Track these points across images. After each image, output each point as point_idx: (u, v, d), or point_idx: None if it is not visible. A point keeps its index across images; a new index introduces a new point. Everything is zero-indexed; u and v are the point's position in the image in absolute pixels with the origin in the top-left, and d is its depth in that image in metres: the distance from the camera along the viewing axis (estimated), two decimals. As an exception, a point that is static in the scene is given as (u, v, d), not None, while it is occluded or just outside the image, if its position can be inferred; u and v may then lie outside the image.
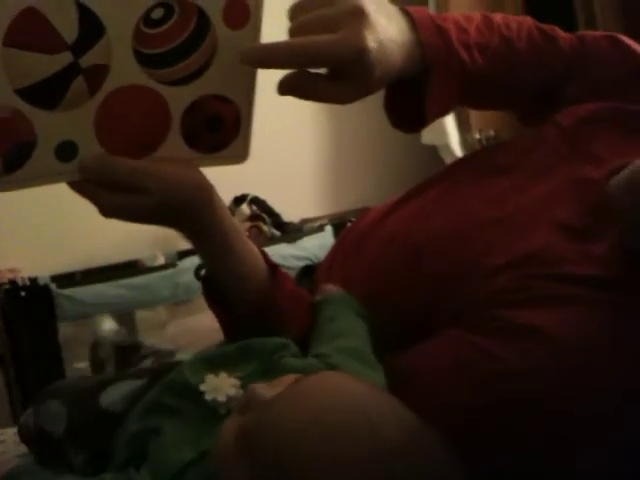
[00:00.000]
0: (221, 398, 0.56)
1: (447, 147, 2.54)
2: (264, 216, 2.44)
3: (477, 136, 2.45)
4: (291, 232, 2.43)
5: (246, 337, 0.68)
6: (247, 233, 2.42)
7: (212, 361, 0.62)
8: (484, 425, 0.58)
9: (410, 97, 0.76)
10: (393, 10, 0.73)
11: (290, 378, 0.53)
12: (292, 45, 0.67)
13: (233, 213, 2.46)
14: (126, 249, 2.40)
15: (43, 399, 0.69)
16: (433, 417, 0.50)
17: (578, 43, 0.83)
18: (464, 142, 2.53)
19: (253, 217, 2.44)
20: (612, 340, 0.58)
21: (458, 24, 0.78)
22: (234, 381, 0.57)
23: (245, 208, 2.46)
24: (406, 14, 0.74)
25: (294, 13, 0.69)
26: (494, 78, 0.79)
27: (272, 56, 0.66)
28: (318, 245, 2.21)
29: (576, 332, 0.58)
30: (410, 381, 0.61)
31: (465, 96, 0.80)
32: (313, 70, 0.69)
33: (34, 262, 2.30)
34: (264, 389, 0.51)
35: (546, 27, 0.83)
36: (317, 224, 2.45)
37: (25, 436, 0.73)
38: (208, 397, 0.56)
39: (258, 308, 0.71)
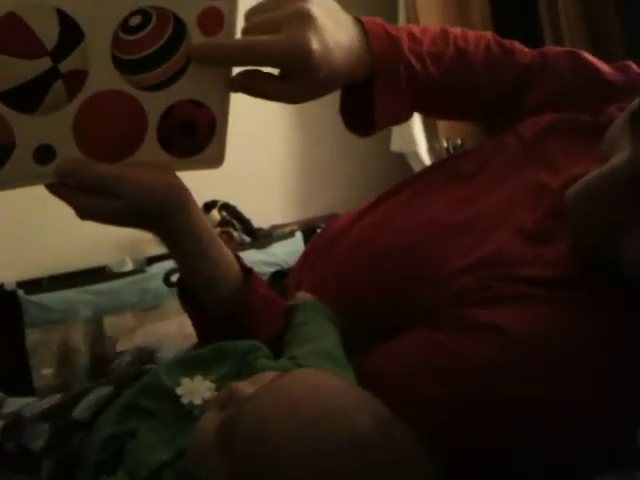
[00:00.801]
0: (197, 401, 0.57)
1: (415, 154, 2.57)
2: (234, 222, 2.44)
3: (445, 144, 2.48)
4: (261, 238, 2.43)
5: (219, 340, 0.69)
6: (217, 239, 2.42)
7: (187, 364, 0.62)
8: (450, 421, 0.59)
9: (362, 102, 0.78)
10: (344, 17, 0.76)
11: (269, 375, 0.54)
12: (237, 43, 0.69)
13: (203, 219, 2.45)
14: (94, 254, 2.37)
15: (21, 420, 0.69)
16: (400, 414, 0.51)
17: (539, 57, 0.86)
18: (432, 150, 2.56)
19: (223, 223, 2.44)
20: (567, 333, 0.60)
21: (411, 34, 0.80)
22: (209, 384, 0.58)
23: (215, 214, 2.45)
24: (358, 22, 0.77)
25: (249, 15, 0.72)
26: (448, 88, 0.82)
27: (219, 53, 0.68)
28: (288, 251, 2.22)
29: (533, 328, 0.60)
30: (377, 380, 0.62)
31: (418, 104, 0.82)
32: (266, 70, 0.71)
33: (0, 268, 2.26)
34: (244, 385, 0.52)
35: (506, 42, 0.86)
36: (287, 230, 2.46)
37: None
38: (184, 400, 0.57)
39: (231, 311, 0.72)
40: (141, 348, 0.78)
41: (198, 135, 0.72)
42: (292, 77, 0.71)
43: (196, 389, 0.57)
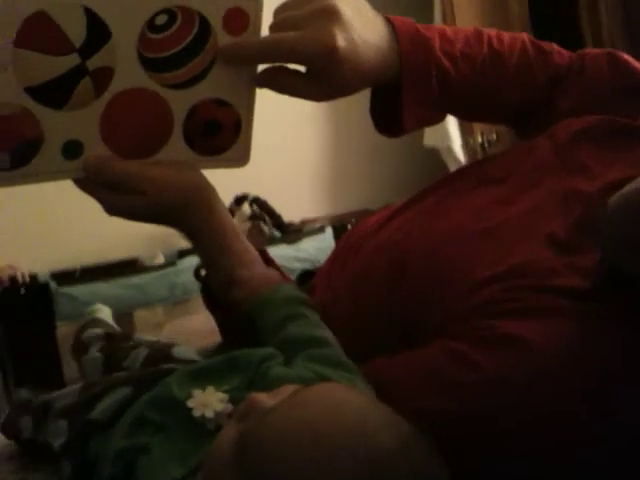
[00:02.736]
0: (209, 414, 0.56)
1: (449, 150, 2.54)
2: (265, 216, 2.44)
3: (479, 139, 2.45)
4: (291, 233, 2.43)
5: (242, 338, 0.68)
6: (247, 233, 2.42)
7: (198, 375, 0.61)
8: (463, 431, 0.58)
9: (391, 103, 0.77)
10: (374, 16, 0.74)
11: (289, 388, 0.52)
12: (261, 41, 0.69)
13: (234, 213, 2.46)
14: (126, 246, 2.40)
15: (45, 413, 0.69)
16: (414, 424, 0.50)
17: (577, 59, 0.83)
18: (466, 145, 2.52)
19: (254, 217, 2.45)
20: (592, 351, 0.58)
21: (443, 34, 0.78)
22: (222, 395, 0.57)
23: (246, 208, 2.46)
24: (389, 22, 0.75)
25: (277, 13, 0.71)
26: (481, 89, 0.79)
27: (245, 52, 0.68)
28: (318, 247, 2.21)
29: (556, 342, 0.58)
30: (389, 389, 0.61)
31: (449, 106, 0.80)
32: (292, 66, 0.71)
33: (34, 258, 2.30)
34: (264, 398, 0.51)
35: (543, 44, 0.83)
36: (317, 225, 2.45)
37: (13, 435, 0.73)
38: (196, 414, 0.56)
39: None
40: (156, 343, 0.77)
41: (223, 134, 0.72)
42: (317, 74, 0.69)
43: (208, 401, 0.56)
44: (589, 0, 2.20)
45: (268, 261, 0.76)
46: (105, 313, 0.94)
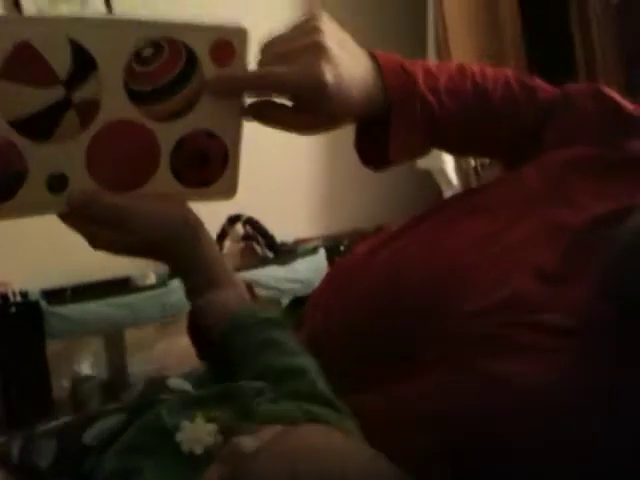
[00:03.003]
0: (198, 450, 0.55)
1: (442, 172, 2.55)
2: (258, 237, 2.44)
3: (472, 162, 2.46)
4: (284, 253, 2.43)
5: (227, 371, 0.67)
6: (240, 253, 2.42)
7: (189, 403, 0.61)
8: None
9: (376, 137, 0.77)
10: (359, 51, 0.74)
11: (273, 430, 0.52)
12: (252, 75, 0.69)
13: (227, 233, 2.46)
14: (118, 265, 2.38)
15: (33, 436, 0.68)
16: (404, 459, 0.50)
17: (560, 94, 0.84)
18: (459, 168, 2.53)
19: (247, 237, 2.44)
20: (583, 393, 0.58)
21: (427, 70, 0.78)
22: (210, 427, 0.56)
23: (239, 228, 2.46)
24: (373, 57, 0.75)
25: (264, 48, 0.71)
26: (466, 124, 0.80)
27: (233, 83, 0.69)
28: (310, 268, 2.21)
29: (548, 383, 0.58)
30: (378, 424, 0.61)
31: (434, 140, 0.81)
32: (279, 100, 0.71)
33: (25, 276, 2.29)
34: (246, 441, 0.50)
35: (527, 78, 0.84)
36: (311, 245, 2.45)
37: (2, 460, 0.73)
38: (184, 448, 0.55)
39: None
40: (151, 379, 0.77)
41: (211, 166, 0.72)
42: (305, 108, 0.70)
43: (197, 435, 0.56)
44: (581, 18, 2.22)
45: (254, 296, 0.76)
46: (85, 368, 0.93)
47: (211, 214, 0.74)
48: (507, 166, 0.90)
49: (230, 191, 0.74)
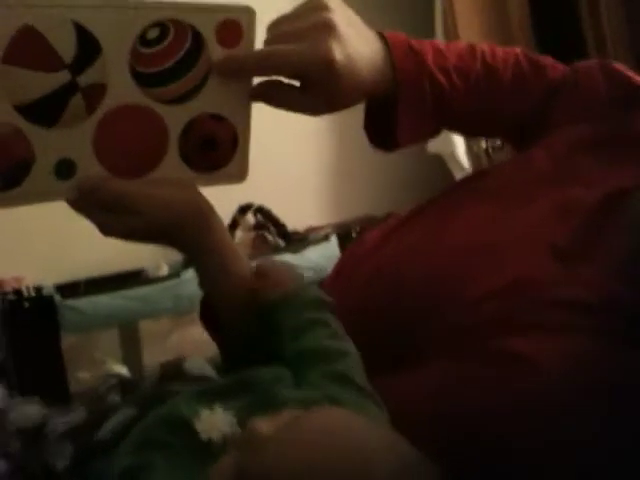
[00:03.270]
0: (216, 438, 0.55)
1: (453, 156, 2.53)
2: (269, 225, 2.44)
3: (483, 145, 2.44)
4: (296, 242, 2.42)
5: (242, 359, 0.67)
6: (252, 242, 2.41)
7: (207, 393, 0.60)
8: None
9: (386, 117, 0.76)
10: (368, 31, 0.74)
11: (289, 415, 0.51)
12: (258, 54, 0.68)
13: (238, 222, 2.45)
14: (131, 258, 2.39)
15: (45, 436, 0.68)
16: (423, 449, 0.49)
17: (570, 71, 0.83)
18: (470, 151, 2.51)
19: (258, 226, 2.44)
20: (600, 370, 0.57)
21: (437, 49, 0.77)
22: (229, 417, 0.56)
23: (250, 217, 2.46)
24: (381, 37, 0.75)
25: (272, 27, 0.71)
26: (476, 103, 0.79)
27: (239, 64, 0.68)
28: (323, 255, 2.20)
29: (562, 361, 0.57)
30: (396, 415, 0.60)
31: (444, 120, 0.80)
32: (287, 81, 0.70)
33: (38, 270, 2.29)
34: (263, 426, 0.50)
35: (537, 57, 0.83)
36: (322, 233, 2.44)
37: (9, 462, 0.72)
38: (203, 437, 0.55)
39: (252, 330, 0.70)
40: (166, 363, 0.76)
41: (220, 150, 0.71)
42: (313, 88, 0.69)
43: (215, 424, 0.55)
44: (590, 2, 2.19)
45: (265, 283, 0.75)
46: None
47: (222, 204, 0.73)
48: (517, 146, 0.89)
49: (241, 174, 0.73)
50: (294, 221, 2.58)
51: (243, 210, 2.46)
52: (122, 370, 0.92)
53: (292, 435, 0.48)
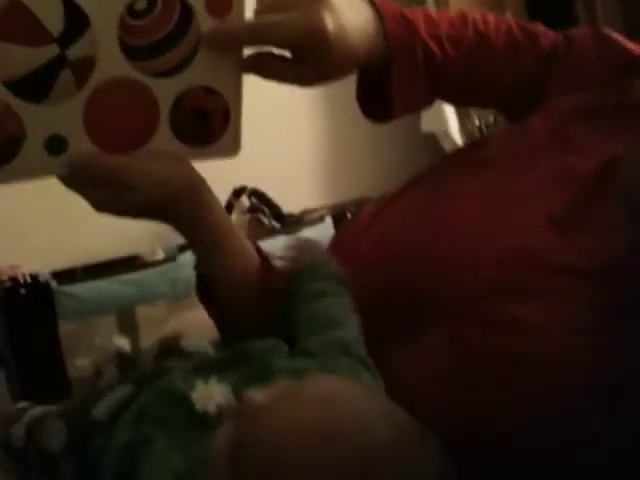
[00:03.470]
0: (211, 408, 0.55)
1: (446, 134, 2.52)
2: (264, 208, 2.43)
3: (477, 123, 2.43)
4: (291, 224, 2.42)
5: (239, 333, 0.67)
6: (247, 225, 2.41)
7: (203, 367, 0.60)
8: (473, 423, 0.57)
9: (379, 88, 0.76)
10: (359, 0, 0.73)
11: (282, 384, 0.51)
12: (249, 25, 0.68)
13: (233, 206, 2.45)
14: (126, 243, 2.39)
15: (39, 419, 0.68)
16: (424, 418, 0.49)
17: (563, 40, 0.82)
18: (463, 129, 2.51)
19: (253, 209, 2.43)
20: (600, 335, 0.57)
21: (428, 17, 0.77)
22: (225, 388, 0.56)
23: (244, 200, 2.45)
24: (373, 6, 0.74)
25: None
26: (468, 72, 0.79)
27: (230, 35, 0.67)
28: (318, 237, 2.19)
29: (563, 325, 0.57)
30: (397, 383, 0.60)
31: (437, 90, 0.79)
32: (278, 51, 0.70)
33: (34, 258, 2.29)
34: (256, 396, 0.50)
35: (529, 25, 0.82)
36: (317, 215, 2.44)
37: (5, 449, 0.72)
38: (199, 408, 0.55)
39: (248, 304, 0.70)
40: (164, 339, 0.76)
41: (211, 123, 0.71)
42: (305, 58, 0.68)
43: (211, 395, 0.55)
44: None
45: (263, 257, 0.75)
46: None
47: (216, 187, 0.73)
48: (511, 118, 0.88)
49: (234, 148, 0.73)
50: (289, 203, 2.58)
51: (237, 193, 2.45)
52: (123, 343, 0.92)
53: (286, 404, 0.48)
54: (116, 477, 0.55)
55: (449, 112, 2.48)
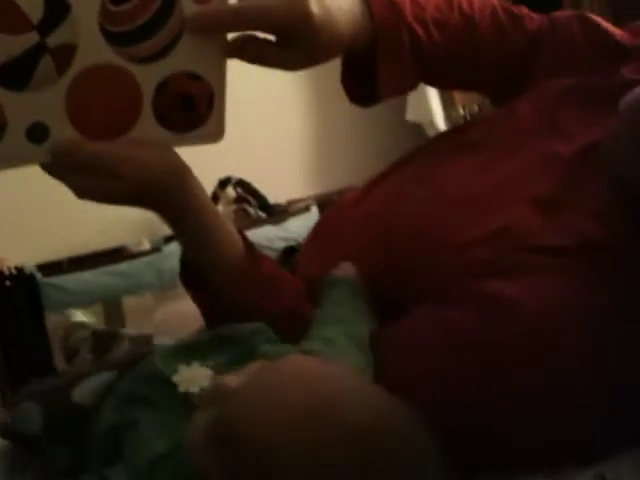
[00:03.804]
0: (194, 390, 0.55)
1: (432, 124, 2.53)
2: (249, 198, 2.43)
3: (461, 112, 2.44)
4: (277, 214, 2.42)
5: (224, 321, 0.67)
6: (233, 215, 2.40)
7: (185, 350, 0.61)
8: (456, 395, 0.58)
9: (364, 71, 0.76)
10: None
11: (256, 365, 0.52)
12: (233, 8, 0.67)
13: (219, 196, 2.44)
14: (112, 235, 2.38)
15: (18, 401, 0.68)
16: (409, 393, 0.50)
17: (547, 23, 0.83)
18: (449, 118, 2.51)
19: (239, 199, 2.43)
20: (581, 306, 0.58)
21: (415, 0, 0.77)
22: (207, 371, 0.56)
23: (230, 191, 2.44)
24: None
25: None
26: (454, 56, 0.79)
27: (213, 19, 0.66)
28: (304, 226, 2.19)
29: (545, 300, 0.58)
30: (385, 359, 0.61)
31: (423, 73, 0.79)
32: (262, 36, 0.69)
33: (19, 250, 2.27)
34: (230, 379, 0.50)
35: (513, 7, 0.83)
36: (303, 205, 2.44)
37: (3, 433, 0.72)
38: (181, 389, 0.55)
39: (234, 290, 0.70)
40: (138, 336, 0.76)
41: (195, 109, 0.70)
42: (290, 42, 0.68)
43: (193, 377, 0.56)
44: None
45: (248, 243, 0.75)
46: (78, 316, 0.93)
47: (202, 177, 0.72)
48: (495, 99, 0.89)
49: (218, 133, 0.72)
50: (275, 194, 2.57)
51: (223, 184, 2.45)
52: (89, 319, 0.92)
53: (260, 384, 0.48)
54: (102, 459, 0.55)
55: (434, 102, 2.49)
